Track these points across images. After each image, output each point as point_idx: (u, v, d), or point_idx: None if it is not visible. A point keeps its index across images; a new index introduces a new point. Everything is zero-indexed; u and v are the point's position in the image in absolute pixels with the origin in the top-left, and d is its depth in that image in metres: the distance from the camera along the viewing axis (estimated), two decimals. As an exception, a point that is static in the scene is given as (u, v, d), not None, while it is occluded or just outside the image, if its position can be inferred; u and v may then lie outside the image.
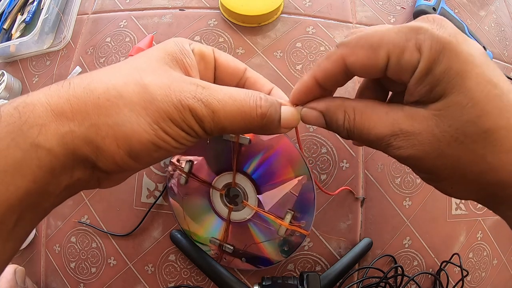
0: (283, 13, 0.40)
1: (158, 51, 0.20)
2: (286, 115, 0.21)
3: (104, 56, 0.40)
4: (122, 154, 0.17)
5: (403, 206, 0.35)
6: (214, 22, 0.40)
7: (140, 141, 0.17)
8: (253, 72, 0.25)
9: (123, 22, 0.42)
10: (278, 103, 0.21)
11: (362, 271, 0.33)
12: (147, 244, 0.35)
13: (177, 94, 0.18)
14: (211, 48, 0.23)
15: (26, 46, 0.42)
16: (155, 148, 0.18)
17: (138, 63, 0.19)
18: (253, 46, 0.38)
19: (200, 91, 0.18)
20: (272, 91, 0.25)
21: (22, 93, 0.42)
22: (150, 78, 0.18)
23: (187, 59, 0.21)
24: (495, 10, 0.46)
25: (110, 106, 0.17)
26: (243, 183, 0.30)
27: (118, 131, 0.17)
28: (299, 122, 0.22)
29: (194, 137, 0.19)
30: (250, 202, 0.30)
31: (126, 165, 0.18)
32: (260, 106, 0.20)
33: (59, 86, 0.17)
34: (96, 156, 0.17)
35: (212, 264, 0.32)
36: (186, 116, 0.18)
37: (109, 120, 0.17)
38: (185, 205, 0.32)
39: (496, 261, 0.38)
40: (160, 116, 0.17)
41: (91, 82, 0.17)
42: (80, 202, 0.37)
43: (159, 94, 0.17)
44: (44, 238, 0.37)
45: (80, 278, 0.36)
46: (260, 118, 0.20)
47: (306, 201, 0.29)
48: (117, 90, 0.17)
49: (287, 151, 0.30)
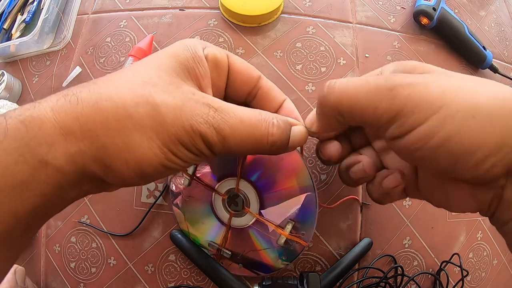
0: (283, 13, 0.40)
1: (169, 59, 0.19)
2: (295, 137, 0.21)
3: (104, 56, 0.40)
4: (132, 175, 0.17)
5: (403, 206, 0.35)
6: (214, 22, 0.40)
7: (151, 164, 0.17)
8: (267, 81, 0.24)
9: (123, 22, 0.42)
10: (289, 125, 0.21)
11: (362, 271, 0.33)
12: (147, 244, 0.35)
13: (189, 117, 0.17)
14: (225, 52, 0.22)
15: (26, 46, 0.42)
16: (164, 169, 0.18)
17: (147, 74, 0.18)
18: (253, 46, 0.38)
19: (212, 115, 0.18)
20: (283, 105, 0.24)
21: (22, 93, 0.42)
22: (162, 97, 0.17)
23: (199, 68, 0.20)
24: (495, 10, 0.46)
25: (120, 128, 0.16)
26: (246, 190, 0.30)
27: (128, 155, 0.17)
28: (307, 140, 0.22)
29: (202, 158, 0.19)
30: (252, 209, 0.30)
31: (134, 182, 0.18)
32: (272, 134, 0.19)
33: (66, 101, 0.16)
34: (104, 174, 0.17)
35: (212, 264, 0.32)
36: (197, 141, 0.18)
37: (119, 142, 0.16)
38: (186, 207, 0.32)
39: (496, 261, 0.38)
40: (170, 140, 0.17)
41: (99, 100, 0.17)
42: (80, 202, 0.37)
43: (170, 117, 0.17)
44: (44, 238, 0.37)
45: (80, 278, 0.36)
46: (270, 145, 0.20)
47: (308, 213, 0.29)
48: (126, 110, 0.16)
49: (292, 162, 0.29)
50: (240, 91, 0.23)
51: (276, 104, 0.24)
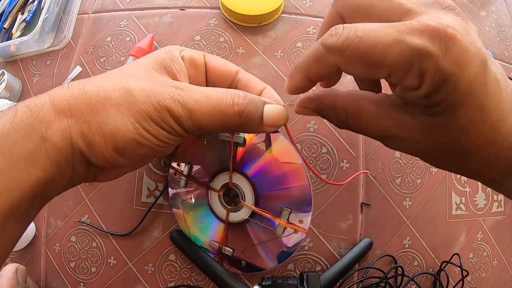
0: (284, 13, 0.40)
1: (148, 59, 0.22)
2: (270, 113, 0.22)
3: (105, 56, 0.40)
4: (110, 149, 0.19)
5: (403, 206, 0.35)
6: (214, 22, 0.40)
7: (124, 138, 0.19)
8: (245, 73, 0.25)
9: (123, 22, 0.42)
10: (261, 101, 0.22)
11: (362, 271, 0.33)
12: (147, 243, 0.35)
13: (157, 95, 0.19)
14: (202, 53, 0.25)
15: (26, 45, 0.42)
16: (138, 145, 0.20)
17: (128, 69, 0.21)
18: (254, 46, 0.38)
19: (178, 93, 0.20)
20: (263, 91, 0.25)
21: (23, 92, 0.42)
22: (135, 82, 0.20)
23: (175, 65, 0.22)
24: (495, 10, 0.46)
25: (99, 106, 0.19)
26: (240, 183, 0.30)
27: (105, 129, 0.19)
28: (287, 120, 0.23)
29: (175, 136, 0.21)
30: (248, 201, 0.30)
31: (114, 160, 0.20)
32: (237, 103, 0.21)
33: (60, 88, 0.20)
34: (88, 151, 0.19)
35: (211, 264, 0.32)
36: (165, 116, 0.20)
37: (98, 119, 0.19)
38: (184, 208, 0.33)
39: (496, 261, 0.38)
40: (141, 116, 0.19)
41: (85, 85, 0.20)
42: (80, 202, 0.37)
43: (140, 96, 0.19)
44: (44, 238, 0.37)
45: (80, 278, 0.36)
46: (237, 115, 0.21)
47: (303, 197, 0.29)
48: (106, 93, 0.19)
49: (282, 148, 0.29)
50: (220, 85, 0.25)
51: (256, 92, 0.25)
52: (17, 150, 0.17)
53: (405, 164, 0.36)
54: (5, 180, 0.17)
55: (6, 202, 0.17)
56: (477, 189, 0.38)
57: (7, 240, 0.18)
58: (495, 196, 0.39)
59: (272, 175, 0.30)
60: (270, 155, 0.30)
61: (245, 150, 0.30)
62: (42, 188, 0.18)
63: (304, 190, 0.29)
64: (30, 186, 0.17)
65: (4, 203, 0.17)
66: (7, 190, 0.17)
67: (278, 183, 0.30)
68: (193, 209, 0.32)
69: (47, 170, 0.18)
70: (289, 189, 0.30)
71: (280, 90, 0.25)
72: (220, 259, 0.32)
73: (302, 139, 0.35)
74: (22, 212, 0.18)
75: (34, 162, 0.17)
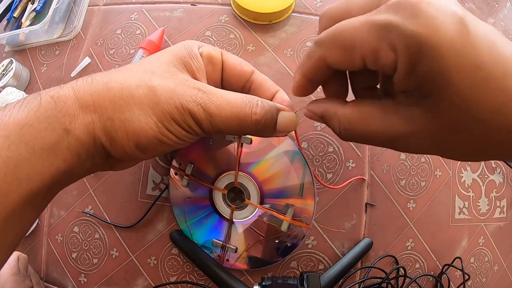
0: (294, 12, 0.40)
1: (168, 54, 0.22)
2: (283, 121, 0.23)
3: (114, 48, 0.40)
4: (131, 146, 0.20)
5: (407, 208, 0.35)
6: (225, 18, 0.40)
7: (147, 136, 0.20)
8: (259, 74, 0.26)
9: (134, 15, 0.42)
10: (276, 109, 0.22)
11: (364, 271, 0.33)
12: (150, 236, 0.35)
13: (180, 97, 0.20)
14: (220, 50, 0.25)
15: (35, 35, 0.42)
16: (159, 143, 0.20)
17: (149, 65, 0.21)
18: (264, 44, 0.39)
19: (201, 96, 0.20)
20: (276, 95, 0.26)
21: (30, 81, 0.42)
22: (158, 81, 0.20)
23: (194, 62, 0.23)
24: (503, 18, 0.47)
25: (123, 104, 0.20)
26: (245, 182, 0.31)
27: (128, 127, 0.20)
28: (297, 126, 0.23)
29: (194, 135, 0.22)
30: (252, 200, 0.30)
31: (134, 155, 0.21)
32: (255, 113, 0.21)
33: (83, 82, 0.20)
34: (110, 146, 0.20)
35: (211, 264, 0.32)
36: (187, 118, 0.20)
37: (122, 116, 0.20)
38: (186, 207, 0.33)
39: (497, 267, 0.38)
40: (164, 116, 0.20)
41: (109, 82, 0.20)
42: (84, 192, 0.37)
43: (164, 96, 0.20)
44: (46, 227, 0.37)
45: (81, 269, 0.36)
46: (254, 124, 0.21)
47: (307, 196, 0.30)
48: (130, 91, 0.20)
49: (289, 150, 0.30)
50: (234, 84, 0.25)
51: (269, 94, 0.25)
52: (40, 140, 0.17)
53: (410, 166, 0.36)
54: (26, 168, 0.17)
55: (26, 190, 0.17)
56: (480, 194, 0.38)
57: (23, 227, 0.19)
58: (497, 202, 0.39)
59: (277, 175, 0.30)
60: (275, 155, 0.30)
61: (251, 150, 0.30)
62: (61, 177, 0.19)
63: (309, 188, 0.30)
64: (50, 175, 0.18)
65: (24, 191, 0.17)
66: (27, 179, 0.17)
67: (283, 182, 0.30)
68: (196, 209, 0.33)
69: (67, 161, 0.19)
70: (293, 188, 0.30)
71: (288, 89, 0.25)
72: (223, 257, 0.32)
73: (309, 137, 0.35)
74: (40, 200, 0.19)
75: (56, 153, 0.18)
